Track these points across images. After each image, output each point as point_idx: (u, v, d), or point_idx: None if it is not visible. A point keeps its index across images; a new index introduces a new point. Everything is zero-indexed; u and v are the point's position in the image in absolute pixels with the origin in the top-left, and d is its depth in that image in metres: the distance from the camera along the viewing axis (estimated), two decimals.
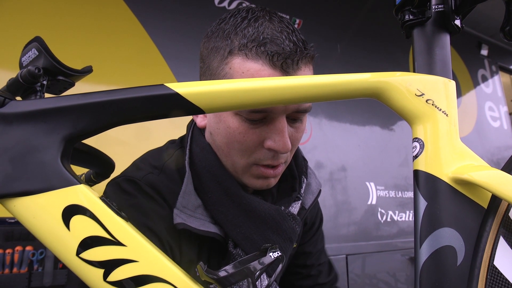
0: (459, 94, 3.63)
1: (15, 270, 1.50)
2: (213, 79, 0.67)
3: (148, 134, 1.91)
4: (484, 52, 3.99)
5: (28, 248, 1.52)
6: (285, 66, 0.62)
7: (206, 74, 0.69)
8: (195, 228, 0.65)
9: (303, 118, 0.70)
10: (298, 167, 0.84)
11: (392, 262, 2.61)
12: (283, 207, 0.74)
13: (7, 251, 1.49)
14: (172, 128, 1.85)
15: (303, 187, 0.83)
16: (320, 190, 0.88)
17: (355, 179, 2.64)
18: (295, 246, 0.86)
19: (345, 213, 2.54)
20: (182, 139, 0.80)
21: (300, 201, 0.81)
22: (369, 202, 2.69)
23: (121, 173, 0.72)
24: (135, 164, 0.74)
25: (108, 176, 0.69)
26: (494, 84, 4.03)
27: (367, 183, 2.73)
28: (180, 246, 0.68)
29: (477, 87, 3.85)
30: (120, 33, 2.01)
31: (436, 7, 0.53)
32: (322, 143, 2.54)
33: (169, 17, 2.16)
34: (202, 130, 0.76)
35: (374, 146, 2.82)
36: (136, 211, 0.64)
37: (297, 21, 2.64)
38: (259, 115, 0.63)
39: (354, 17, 3.05)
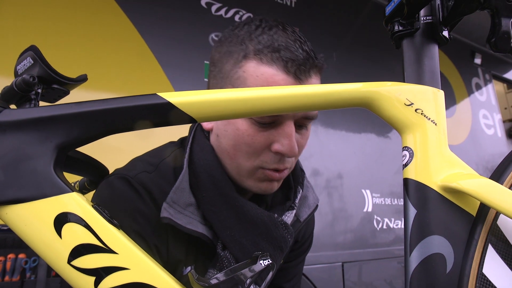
0: (454, 102, 3.67)
1: (7, 278, 1.48)
2: (225, 82, 0.68)
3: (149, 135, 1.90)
4: (478, 61, 4.04)
5: (21, 256, 1.51)
6: (298, 72, 0.64)
7: (218, 77, 0.70)
8: (181, 225, 0.65)
9: (308, 125, 0.72)
10: (294, 177, 0.84)
11: (388, 269, 2.61)
12: (276, 215, 0.74)
13: None
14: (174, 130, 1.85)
15: (298, 197, 0.83)
16: (316, 205, 0.88)
17: (351, 187, 2.65)
18: (281, 261, 0.85)
19: (341, 221, 2.54)
20: (182, 140, 0.81)
21: (294, 211, 0.80)
22: (365, 210, 2.70)
23: (116, 170, 0.72)
24: (132, 162, 0.75)
25: None
26: (488, 92, 4.07)
27: (363, 191, 2.73)
28: (168, 245, 0.68)
29: (471, 95, 3.89)
30: (117, 41, 2.02)
31: (424, 18, 0.54)
32: (318, 151, 2.55)
33: (166, 24, 2.18)
34: (205, 132, 0.76)
35: (370, 153, 2.83)
36: (123, 213, 0.64)
37: None
38: (269, 118, 0.64)
39: (350, 26, 3.08)
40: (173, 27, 2.20)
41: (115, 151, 1.81)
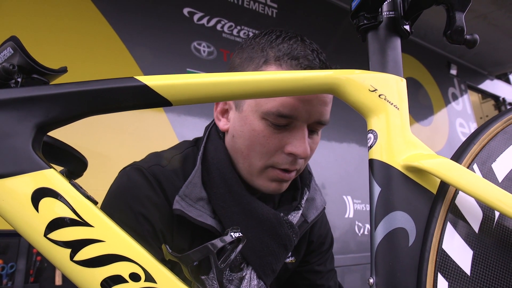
0: (431, 111, 3.78)
1: None
2: None
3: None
4: (453, 71, 4.20)
5: None
6: None
7: None
8: (192, 217, 0.69)
9: (319, 131, 0.76)
10: (302, 178, 0.88)
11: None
12: (282, 214, 0.78)
13: None
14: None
15: (304, 198, 0.87)
16: (324, 207, 0.92)
17: (332, 193, 2.68)
18: (293, 261, 0.88)
19: None
20: (197, 139, 0.86)
21: (300, 211, 0.84)
22: (346, 216, 2.73)
23: (133, 162, 0.77)
24: (149, 156, 0.80)
25: (81, 175, 0.70)
26: (464, 102, 4.22)
27: (344, 197, 2.77)
28: (173, 235, 0.72)
29: (448, 105, 4.02)
30: (100, 49, 2.04)
31: (387, 13, 0.58)
32: None
33: (149, 33, 2.20)
34: (220, 133, 0.80)
35: (351, 161, 2.88)
36: (135, 199, 0.69)
37: None
38: (285, 120, 0.68)
39: (330, 36, 3.17)
40: (156, 36, 2.23)
41: (102, 158, 1.81)
